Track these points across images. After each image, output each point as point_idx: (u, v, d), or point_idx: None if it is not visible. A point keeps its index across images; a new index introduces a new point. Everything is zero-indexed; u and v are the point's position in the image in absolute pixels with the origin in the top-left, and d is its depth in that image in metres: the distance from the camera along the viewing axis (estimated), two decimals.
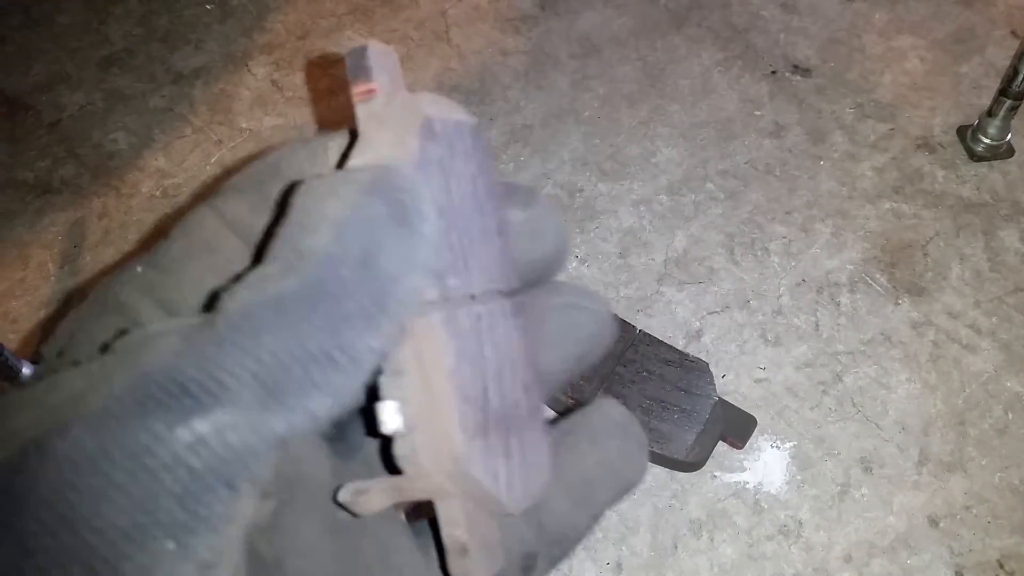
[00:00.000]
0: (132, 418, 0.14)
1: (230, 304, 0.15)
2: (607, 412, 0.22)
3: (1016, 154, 1.09)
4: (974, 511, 0.84)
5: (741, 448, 0.87)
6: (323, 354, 0.15)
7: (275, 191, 0.19)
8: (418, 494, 0.18)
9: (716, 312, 0.98)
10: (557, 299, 0.22)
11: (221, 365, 0.15)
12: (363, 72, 0.19)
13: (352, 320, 0.15)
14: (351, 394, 0.15)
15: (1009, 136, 1.08)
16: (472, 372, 0.18)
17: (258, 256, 0.17)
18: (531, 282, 0.22)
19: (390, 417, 0.18)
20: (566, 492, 0.21)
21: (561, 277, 0.23)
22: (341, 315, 0.15)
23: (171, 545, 0.14)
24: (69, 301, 1.04)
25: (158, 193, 1.13)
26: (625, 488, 0.22)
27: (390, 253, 0.16)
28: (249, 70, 1.25)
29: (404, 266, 0.16)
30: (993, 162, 1.09)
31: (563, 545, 0.21)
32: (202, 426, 0.14)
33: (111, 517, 0.14)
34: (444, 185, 0.19)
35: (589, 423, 0.22)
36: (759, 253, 1.03)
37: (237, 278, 0.16)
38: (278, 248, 0.16)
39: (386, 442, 0.18)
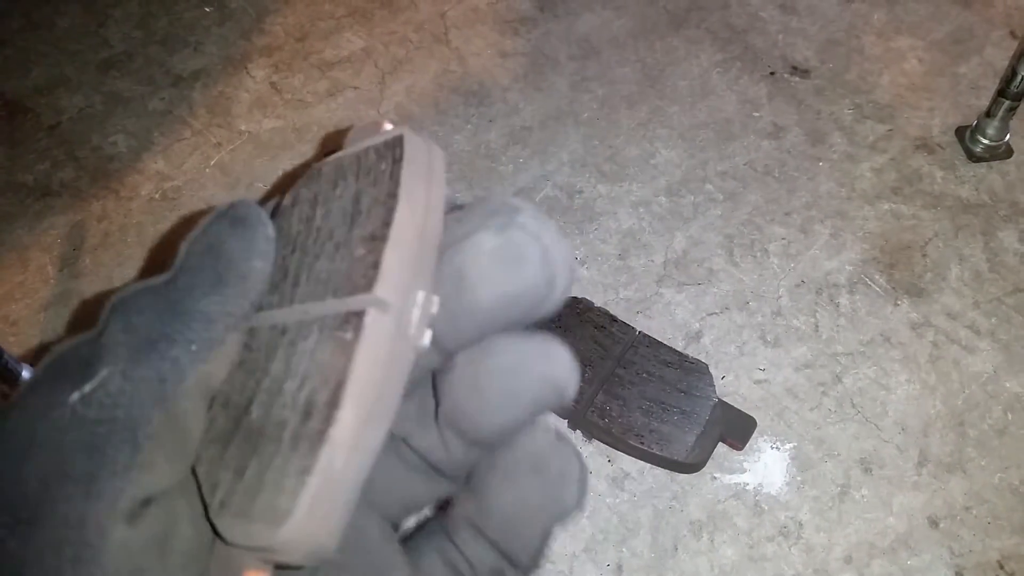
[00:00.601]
0: (42, 390, 0.18)
1: (113, 298, 0.19)
2: (527, 446, 0.21)
3: (1015, 155, 1.09)
4: (974, 512, 0.84)
5: (741, 449, 0.87)
6: (179, 314, 0.19)
7: None
8: None
9: (715, 313, 0.98)
10: (493, 360, 0.20)
11: (103, 337, 0.19)
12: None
13: (201, 288, 0.19)
14: (207, 344, 0.19)
15: (1008, 137, 1.08)
16: (241, 382, 0.19)
17: None
18: (509, 322, 0.20)
19: None
20: (485, 532, 0.21)
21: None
22: (193, 288, 0.19)
23: (80, 489, 0.17)
24: (69, 304, 1.04)
25: (157, 196, 1.13)
26: (552, 521, 0.21)
27: (231, 244, 0.20)
28: (248, 72, 1.26)
29: (244, 252, 0.20)
30: (992, 163, 1.09)
31: None
32: (89, 384, 0.18)
33: (31, 471, 0.17)
34: (309, 214, 0.21)
35: (508, 460, 0.21)
36: (758, 254, 1.03)
37: None
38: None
39: None
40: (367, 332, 0.18)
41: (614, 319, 0.92)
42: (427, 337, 0.19)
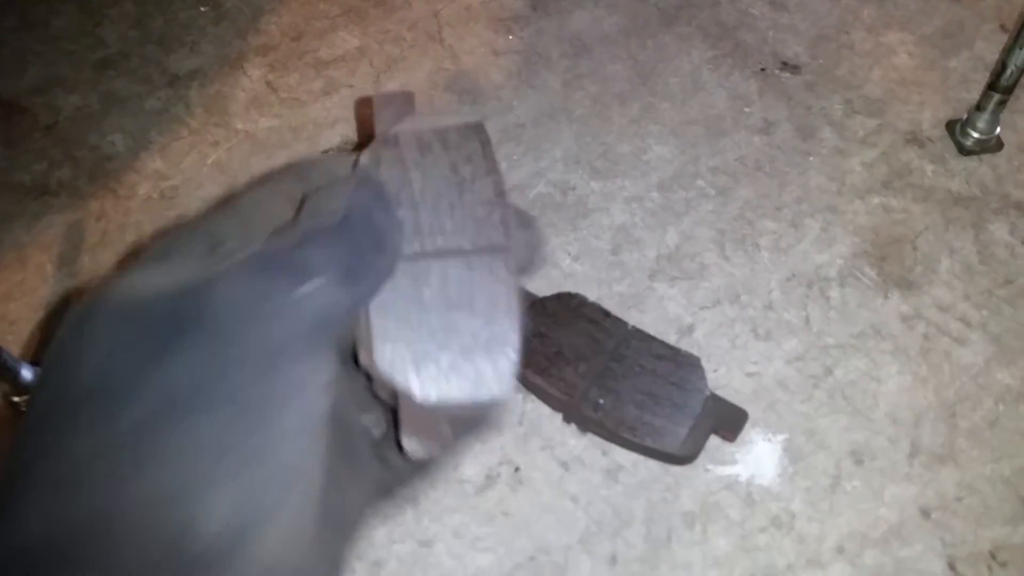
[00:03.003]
0: (259, 278, 0.21)
1: (298, 226, 0.23)
2: None
3: (1005, 148, 1.10)
4: (966, 502, 0.85)
5: (733, 441, 0.88)
6: (360, 261, 0.22)
7: (311, 174, 0.27)
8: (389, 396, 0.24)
9: (707, 307, 0.99)
10: None
11: (310, 255, 0.22)
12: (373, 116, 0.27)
13: (366, 248, 0.23)
14: (372, 292, 0.23)
15: (998, 130, 1.09)
16: (405, 303, 0.24)
17: (298, 212, 0.24)
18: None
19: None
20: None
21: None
22: (360, 245, 0.23)
23: (299, 365, 0.21)
24: (68, 302, 1.04)
25: (156, 195, 1.14)
26: None
27: (380, 218, 0.24)
28: (244, 72, 1.26)
29: (389, 227, 0.24)
30: (982, 156, 1.10)
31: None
32: (309, 287, 0.21)
33: (251, 342, 0.20)
34: (402, 176, 0.25)
35: None
36: (750, 249, 1.04)
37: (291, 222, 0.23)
38: (310, 207, 0.24)
39: None
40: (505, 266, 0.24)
41: (607, 314, 0.93)
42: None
